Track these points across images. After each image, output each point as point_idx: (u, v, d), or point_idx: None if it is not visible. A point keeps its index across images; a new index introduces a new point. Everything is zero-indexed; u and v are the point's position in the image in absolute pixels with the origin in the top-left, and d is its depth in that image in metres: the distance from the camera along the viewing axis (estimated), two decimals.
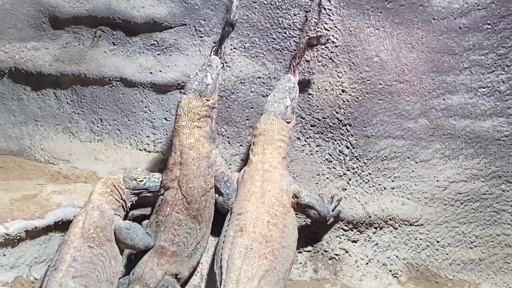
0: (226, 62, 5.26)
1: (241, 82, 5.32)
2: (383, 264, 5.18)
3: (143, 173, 4.88)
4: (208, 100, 4.85)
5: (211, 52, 5.08)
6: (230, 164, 5.30)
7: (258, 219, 4.46)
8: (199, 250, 4.82)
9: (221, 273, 4.30)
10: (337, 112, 5.17)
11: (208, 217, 4.82)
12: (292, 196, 4.74)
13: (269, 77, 5.27)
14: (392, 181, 5.21)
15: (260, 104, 5.21)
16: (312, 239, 5.18)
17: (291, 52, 5.17)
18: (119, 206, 4.77)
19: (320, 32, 5.10)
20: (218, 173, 4.84)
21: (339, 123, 5.18)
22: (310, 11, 5.08)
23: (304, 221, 5.11)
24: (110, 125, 5.68)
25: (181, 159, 4.78)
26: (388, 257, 5.19)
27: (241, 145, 5.38)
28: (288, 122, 4.87)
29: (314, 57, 5.16)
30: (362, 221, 5.14)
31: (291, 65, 5.01)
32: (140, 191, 4.89)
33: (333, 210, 5.03)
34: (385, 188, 5.21)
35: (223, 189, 4.80)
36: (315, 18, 5.11)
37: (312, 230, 5.17)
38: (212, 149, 4.89)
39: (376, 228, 5.18)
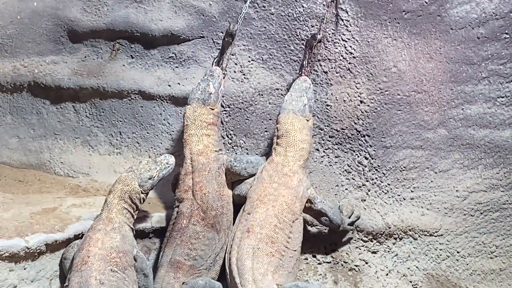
0: (244, 74, 5.29)
1: (259, 94, 5.33)
2: (403, 275, 5.16)
3: (152, 166, 4.65)
4: (212, 109, 4.88)
5: (212, 63, 5.14)
6: None
7: (265, 221, 4.50)
8: (218, 262, 4.78)
9: (233, 277, 4.35)
10: (355, 123, 5.17)
11: (226, 225, 4.80)
12: (306, 201, 4.75)
13: (287, 88, 5.26)
14: (412, 191, 5.20)
15: None
16: (332, 250, 5.16)
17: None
18: (135, 217, 4.72)
19: (339, 43, 5.13)
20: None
21: (357, 134, 5.18)
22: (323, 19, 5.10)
23: (324, 231, 5.10)
24: (129, 138, 5.69)
25: (192, 167, 4.79)
26: (408, 268, 5.17)
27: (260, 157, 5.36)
28: (307, 120, 4.88)
29: (332, 68, 5.17)
30: (382, 232, 5.13)
31: (303, 71, 5.03)
32: (156, 184, 4.74)
33: (349, 224, 5.01)
34: (404, 199, 5.20)
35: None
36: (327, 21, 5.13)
37: (332, 241, 5.16)
38: (220, 153, 4.91)
39: (395, 238, 5.16)
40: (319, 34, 5.02)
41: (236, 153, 5.39)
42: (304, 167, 4.81)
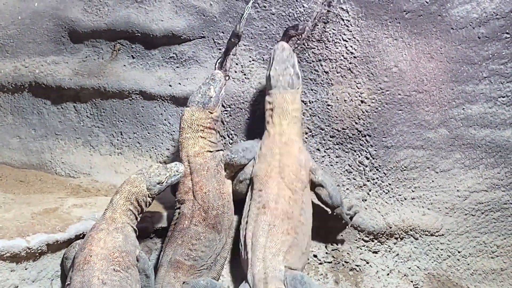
0: (245, 74, 5.28)
1: (260, 94, 5.32)
2: (404, 275, 5.15)
3: (162, 172, 4.62)
4: (211, 113, 4.88)
5: (215, 65, 5.10)
6: None
7: (279, 195, 4.52)
8: (219, 262, 4.79)
9: (246, 252, 4.37)
10: (356, 123, 5.16)
11: (228, 225, 4.80)
12: (308, 172, 4.77)
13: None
14: (413, 191, 5.20)
15: None
16: (333, 250, 5.15)
17: (310, 63, 5.18)
18: (139, 220, 4.71)
19: (339, 42, 5.12)
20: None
21: (358, 134, 5.17)
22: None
23: (326, 229, 5.10)
24: (130, 138, 5.69)
25: (190, 168, 4.79)
26: (409, 268, 5.17)
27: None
28: (297, 89, 4.86)
29: (333, 68, 5.16)
30: (383, 232, 5.12)
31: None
32: (163, 191, 4.71)
33: (348, 216, 5.01)
34: (405, 199, 5.20)
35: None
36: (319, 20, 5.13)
37: (333, 241, 5.16)
38: (215, 151, 4.91)
39: (396, 238, 5.16)
40: (303, 25, 4.96)
41: None
42: (300, 135, 4.82)
